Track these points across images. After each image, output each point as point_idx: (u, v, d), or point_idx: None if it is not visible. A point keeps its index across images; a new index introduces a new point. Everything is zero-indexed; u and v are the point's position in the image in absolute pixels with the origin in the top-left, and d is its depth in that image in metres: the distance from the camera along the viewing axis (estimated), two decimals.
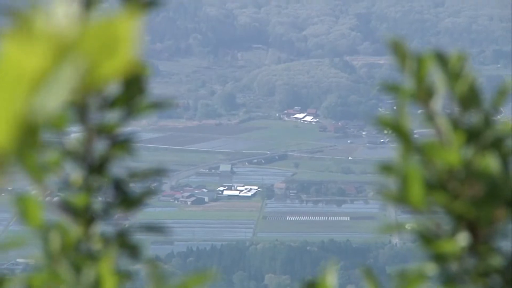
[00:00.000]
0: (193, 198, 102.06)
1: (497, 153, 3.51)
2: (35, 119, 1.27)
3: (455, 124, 3.45)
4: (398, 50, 3.50)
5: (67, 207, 4.05)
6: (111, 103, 4.03)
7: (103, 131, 4.01)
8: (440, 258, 3.86)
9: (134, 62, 1.19)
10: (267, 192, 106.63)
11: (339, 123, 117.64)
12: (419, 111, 3.70)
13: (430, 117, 3.48)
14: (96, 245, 4.09)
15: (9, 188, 1.32)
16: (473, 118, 3.51)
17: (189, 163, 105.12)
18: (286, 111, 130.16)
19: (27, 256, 3.92)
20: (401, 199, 3.57)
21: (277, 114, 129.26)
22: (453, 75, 3.45)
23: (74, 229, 4.10)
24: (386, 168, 3.54)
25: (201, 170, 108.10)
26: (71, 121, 3.10)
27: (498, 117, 3.81)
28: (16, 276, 3.96)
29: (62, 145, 4.08)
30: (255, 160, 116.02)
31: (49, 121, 1.33)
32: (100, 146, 4.11)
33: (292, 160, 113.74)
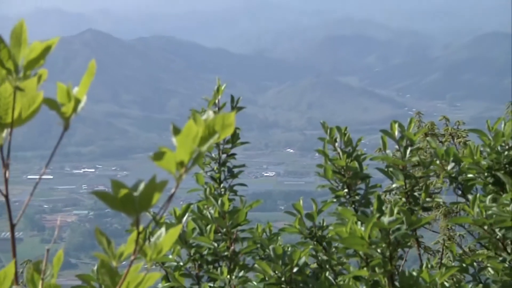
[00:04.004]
0: (253, 176, 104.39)
1: (357, 161, 3.48)
2: (200, 152, 1.10)
3: (344, 152, 3.44)
4: (325, 127, 3.52)
5: (213, 178, 4.03)
6: (227, 141, 4.09)
7: (224, 151, 4.01)
8: (337, 197, 3.59)
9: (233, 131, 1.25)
10: (278, 174, 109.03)
11: (302, 152, 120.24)
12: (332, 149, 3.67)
13: (335, 149, 3.45)
14: (221, 190, 4.08)
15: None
16: (348, 151, 3.50)
17: (252, 165, 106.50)
18: (284, 148, 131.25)
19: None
20: (325, 176, 3.54)
21: (283, 150, 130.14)
22: (347, 141, 3.45)
23: (213, 185, 4.12)
24: (320, 165, 3.54)
25: (257, 167, 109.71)
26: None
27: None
28: (191, 204, 3.88)
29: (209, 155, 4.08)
30: (274, 165, 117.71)
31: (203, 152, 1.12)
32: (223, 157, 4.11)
33: (286, 165, 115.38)
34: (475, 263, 3.26)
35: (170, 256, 3.67)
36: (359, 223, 2.84)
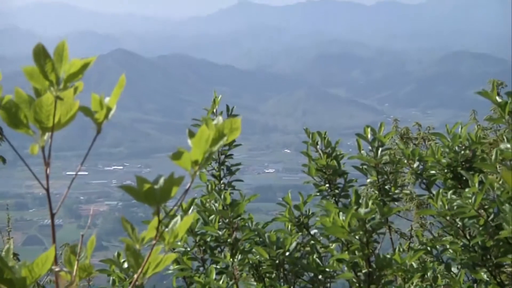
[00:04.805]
0: (256, 172, 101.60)
1: (335, 160, 3.43)
2: (211, 151, 1.10)
3: (325, 153, 3.38)
4: (307, 132, 3.46)
5: (214, 175, 3.97)
6: (229, 144, 3.98)
7: (223, 152, 3.90)
8: (320, 191, 3.52)
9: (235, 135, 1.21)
10: (277, 171, 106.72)
11: (297, 152, 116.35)
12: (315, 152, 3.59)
13: (317, 150, 3.41)
14: (221, 186, 4.00)
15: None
16: (328, 151, 3.44)
17: (255, 163, 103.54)
18: (282, 148, 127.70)
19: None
20: (309, 173, 3.49)
21: (282, 150, 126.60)
22: (327, 144, 3.37)
23: (214, 182, 4.00)
24: (305, 165, 3.49)
25: (259, 165, 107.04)
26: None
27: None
28: (195, 198, 3.79)
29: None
30: (274, 163, 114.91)
31: (213, 152, 1.14)
32: (221, 158, 3.96)
33: (284, 163, 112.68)
34: (438, 246, 3.29)
35: (179, 243, 3.67)
36: (340, 213, 2.86)
